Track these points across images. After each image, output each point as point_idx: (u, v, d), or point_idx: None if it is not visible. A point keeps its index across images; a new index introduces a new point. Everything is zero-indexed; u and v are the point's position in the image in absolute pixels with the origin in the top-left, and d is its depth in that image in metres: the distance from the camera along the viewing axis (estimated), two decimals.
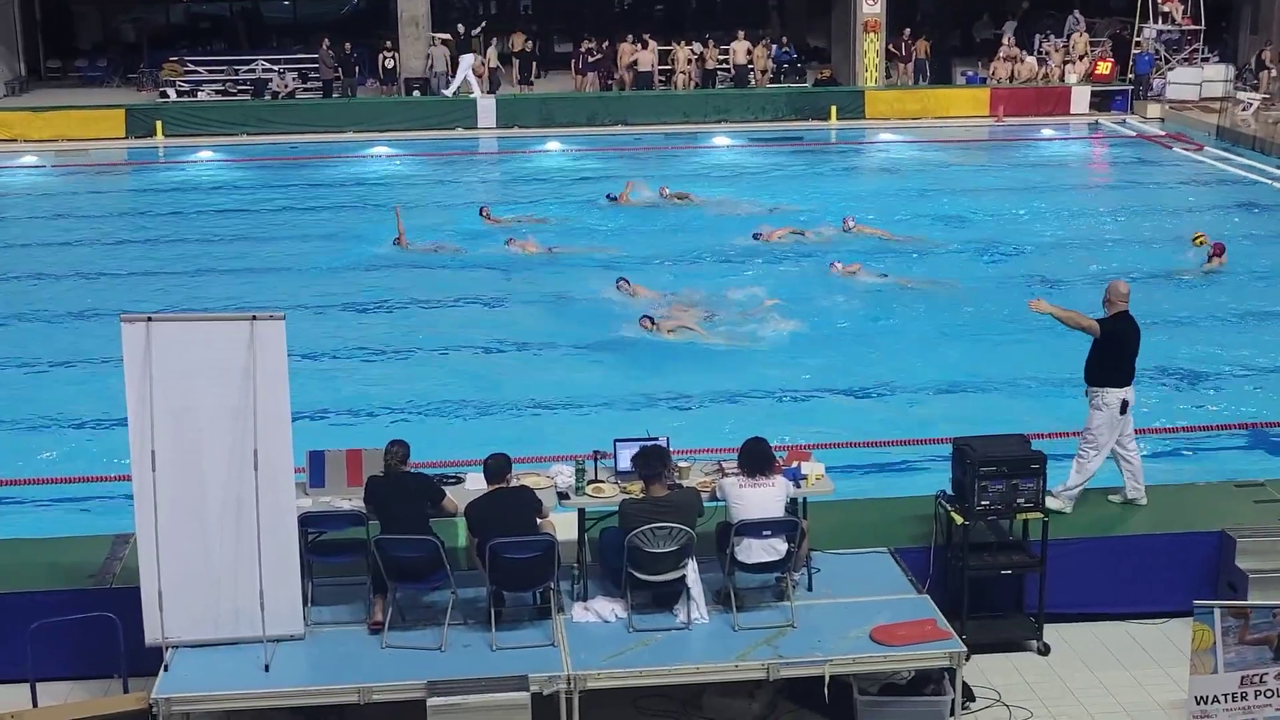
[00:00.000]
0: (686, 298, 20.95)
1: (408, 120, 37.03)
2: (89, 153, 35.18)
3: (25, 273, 23.85)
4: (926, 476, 13.42)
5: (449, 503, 10.76)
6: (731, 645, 10.24)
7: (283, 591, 10.25)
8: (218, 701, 9.87)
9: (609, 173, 31.80)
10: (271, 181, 31.77)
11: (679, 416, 16.64)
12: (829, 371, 18.38)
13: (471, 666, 9.95)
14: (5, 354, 19.49)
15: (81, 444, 16.16)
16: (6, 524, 14.09)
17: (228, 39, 46.90)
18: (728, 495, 10.72)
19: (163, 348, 9.96)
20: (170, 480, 10.04)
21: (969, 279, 22.60)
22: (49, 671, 10.47)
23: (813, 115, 37.90)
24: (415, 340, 19.79)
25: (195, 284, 22.58)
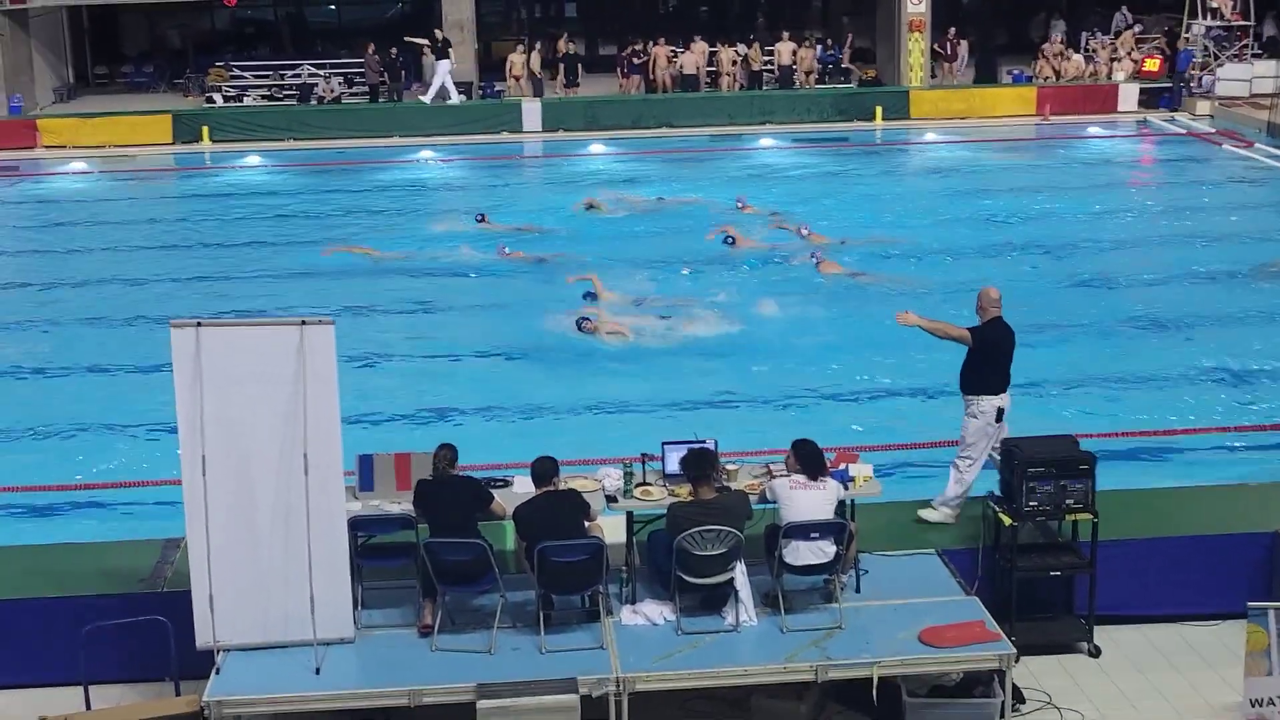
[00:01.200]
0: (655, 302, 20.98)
1: (453, 124, 37.11)
2: (136, 158, 35.42)
3: (74, 279, 24.05)
4: (977, 478, 13.34)
5: (497, 506, 10.78)
6: (780, 647, 10.23)
7: (333, 595, 10.29)
8: (268, 704, 9.92)
9: (653, 176, 31.82)
10: (317, 186, 31.92)
11: (727, 419, 16.62)
12: (875, 372, 18.32)
13: (521, 669, 9.97)
14: (57, 360, 19.65)
15: (133, 449, 16.28)
16: (59, 529, 14.24)
17: (273, 44, 47.16)
18: (778, 497, 10.71)
19: (212, 353, 10.03)
20: (221, 485, 10.10)
21: (1016, 279, 22.45)
22: (101, 675, 10.56)
23: (857, 116, 37.78)
24: (463, 343, 19.83)
25: (244, 289, 22.70)
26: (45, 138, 36.29)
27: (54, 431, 17.06)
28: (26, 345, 20.53)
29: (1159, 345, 19.43)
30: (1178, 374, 18.21)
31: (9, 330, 21.30)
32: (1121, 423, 16.25)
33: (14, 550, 12.61)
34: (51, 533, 14.06)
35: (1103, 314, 20.73)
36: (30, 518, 14.81)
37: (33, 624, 11.08)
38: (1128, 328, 20.09)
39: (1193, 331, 19.72)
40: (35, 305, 22.68)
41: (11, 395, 18.37)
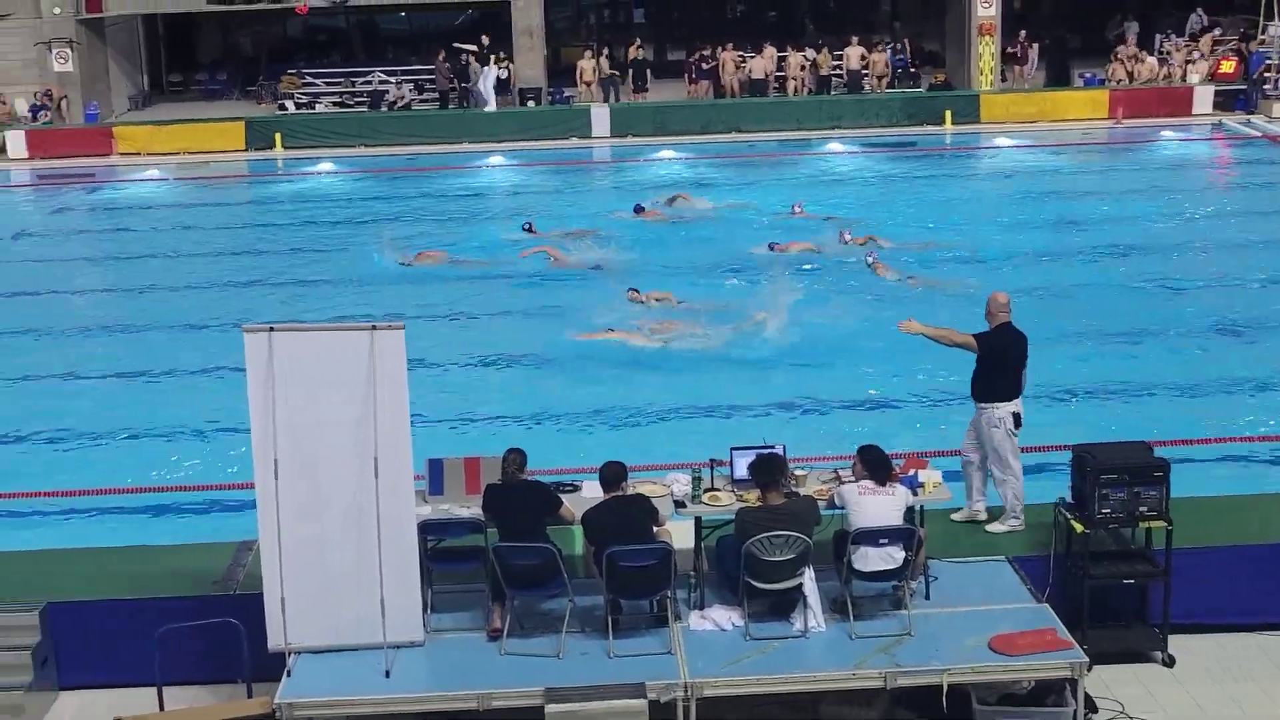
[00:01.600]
0: None
1: (522, 130, 37.27)
2: (210, 165, 35.81)
3: (149, 284, 24.34)
4: (1045, 484, 13.24)
5: (566, 511, 10.81)
6: (849, 653, 10.19)
7: (403, 598, 10.35)
8: (339, 707, 9.99)
9: (721, 180, 31.81)
10: (388, 192, 32.13)
11: (796, 424, 16.58)
12: (944, 377, 18.20)
13: (589, 674, 9.99)
14: (131, 364, 19.89)
15: (207, 452, 16.44)
16: (134, 531, 14.40)
17: (344, 51, 47.54)
18: (847, 502, 10.67)
19: (284, 357, 10.12)
20: (293, 488, 10.19)
21: (1087, 284, 22.30)
22: (175, 676, 10.69)
23: (927, 120, 37.59)
24: (531, 347, 19.89)
25: (315, 294, 22.88)
26: (121, 145, 36.78)
27: (129, 434, 17.27)
28: (103, 349, 20.79)
29: (1233, 350, 19.19)
30: (1251, 379, 17.97)
31: (87, 334, 21.59)
32: (1196, 429, 16.05)
33: (90, 552, 12.79)
34: (127, 535, 14.23)
35: (1176, 319, 20.51)
36: (106, 520, 14.99)
37: (108, 625, 11.22)
38: (1201, 333, 19.87)
39: (1267, 336, 19.43)
40: (111, 310, 22.99)
41: (88, 398, 18.60)
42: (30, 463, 16.50)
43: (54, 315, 22.68)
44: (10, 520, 15.02)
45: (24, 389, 19.14)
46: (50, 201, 33.27)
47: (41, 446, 17.02)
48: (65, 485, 15.55)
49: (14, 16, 38.91)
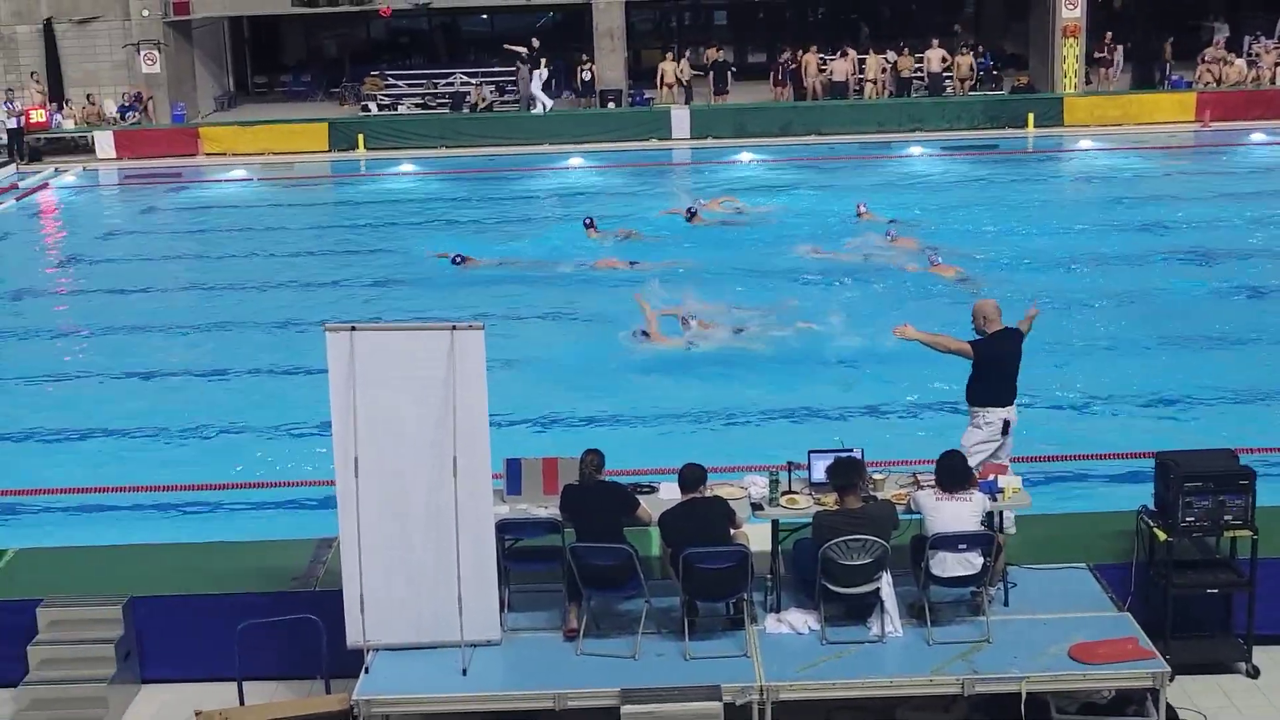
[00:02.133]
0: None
1: (603, 132, 37.34)
2: (294, 166, 36.17)
3: (233, 283, 24.63)
4: (1128, 491, 13.10)
5: (643, 512, 10.82)
6: (926, 659, 10.13)
7: (481, 597, 10.40)
8: (416, 704, 10.05)
9: (801, 183, 31.73)
10: (469, 194, 32.31)
11: (875, 427, 16.51)
12: (1024, 382, 18.02)
13: (665, 675, 10.00)
14: (215, 362, 20.13)
15: (287, 449, 16.60)
16: (216, 527, 14.58)
17: (427, 53, 47.86)
18: (923, 508, 10.61)
19: (365, 356, 10.19)
20: (372, 486, 10.26)
21: (1171, 289, 22.04)
22: (255, 670, 10.80)
23: (1009, 123, 37.27)
24: (608, 349, 19.91)
25: (397, 293, 23.04)
26: (206, 145, 37.24)
27: (213, 431, 17.48)
28: (187, 347, 21.06)
29: None
30: None
31: (171, 332, 21.87)
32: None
33: (173, 548, 12.96)
34: (209, 531, 14.40)
35: (1262, 325, 20.23)
36: (188, 516, 15.18)
37: (190, 620, 11.36)
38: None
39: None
40: (196, 308, 23.27)
41: (173, 395, 18.85)
42: (115, 458, 16.74)
43: (140, 313, 23.00)
44: (96, 515, 15.25)
45: (112, 386, 19.42)
46: (138, 201, 33.75)
47: (126, 442, 17.27)
48: (149, 481, 15.77)
49: (103, 19, 39.51)
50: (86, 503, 15.49)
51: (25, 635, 11.22)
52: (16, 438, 17.52)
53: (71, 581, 11.75)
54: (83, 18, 39.43)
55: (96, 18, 39.48)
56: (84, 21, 39.48)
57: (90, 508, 15.40)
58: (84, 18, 39.43)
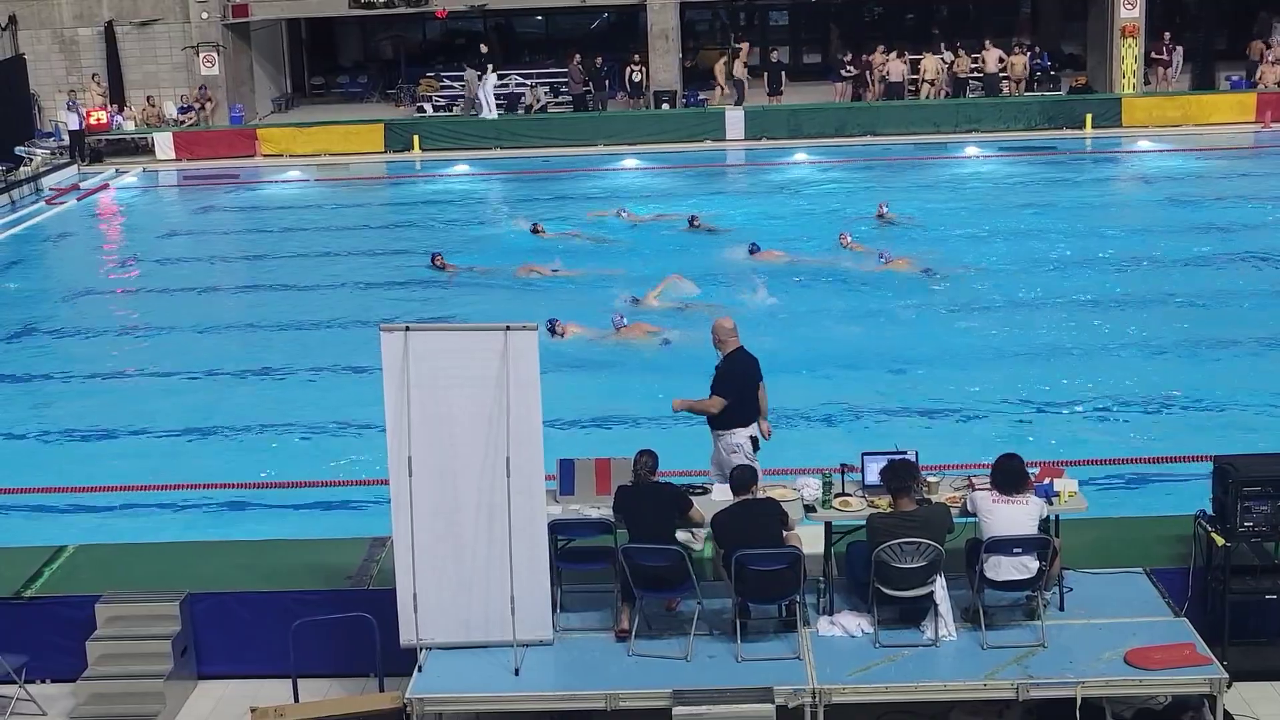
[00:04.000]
0: None
1: (657, 132, 37.33)
2: (349, 166, 36.36)
3: (289, 283, 24.80)
4: (1185, 495, 12.99)
5: (696, 513, 10.81)
6: (980, 663, 10.08)
7: (533, 597, 10.43)
8: (469, 703, 10.10)
9: (857, 184, 31.62)
10: (524, 194, 32.37)
11: (928, 430, 16.44)
12: (1081, 386, 17.95)
13: (716, 677, 9.99)
14: (270, 361, 20.28)
15: (342, 448, 16.69)
16: (272, 525, 14.68)
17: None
18: (979, 511, 10.56)
19: (420, 356, 10.24)
20: (426, 485, 10.31)
21: (1232, 291, 21.84)
22: (309, 668, 10.87)
23: (1066, 124, 36.99)
24: (660, 349, 19.90)
25: (451, 294, 23.11)
26: (264, 146, 37.50)
27: (269, 430, 17.61)
28: (244, 346, 21.24)
29: None
30: None
31: (229, 332, 22.07)
32: None
33: (229, 545, 13.07)
34: (265, 528, 14.51)
35: None
36: (245, 513, 15.30)
37: (246, 616, 11.45)
38: None
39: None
40: (252, 308, 23.45)
41: (230, 393, 19.02)
42: (173, 456, 16.90)
43: (198, 312, 23.20)
44: (154, 512, 15.40)
45: (168, 384, 19.61)
46: (196, 201, 34.03)
47: (183, 440, 17.43)
48: (206, 478, 15.91)
49: (163, 22, 39.87)
50: (145, 500, 15.64)
51: (84, 630, 11.34)
52: (77, 435, 17.72)
53: (130, 578, 11.88)
54: (143, 20, 39.81)
55: (157, 20, 39.84)
56: (144, 24, 39.85)
57: (148, 505, 15.56)
58: (144, 20, 39.81)
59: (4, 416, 18.41)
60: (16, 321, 23.00)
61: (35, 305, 24.14)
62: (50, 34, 39.82)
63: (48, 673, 11.37)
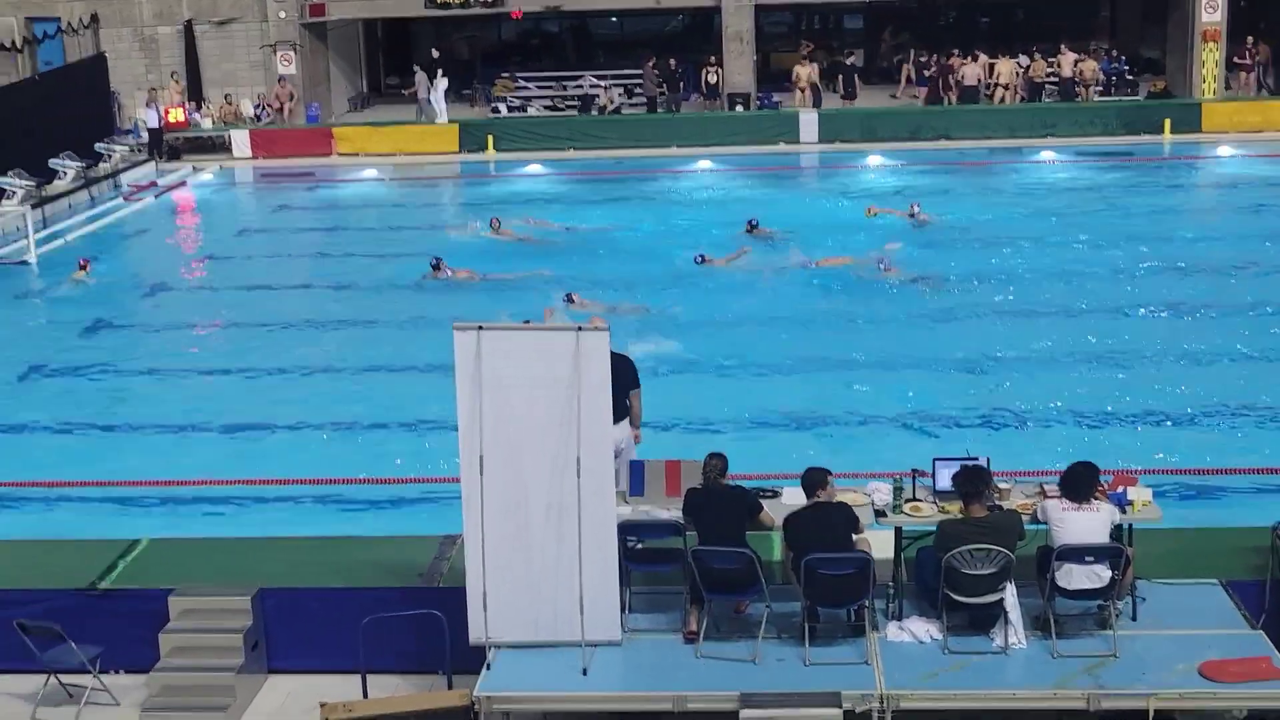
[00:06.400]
0: None
1: (730, 135, 37.26)
2: (424, 166, 36.55)
3: (362, 281, 24.95)
4: (1263, 506, 12.83)
5: (766, 516, 10.79)
6: (1050, 672, 10.00)
7: (602, 597, 10.45)
8: (537, 702, 10.14)
9: (932, 188, 31.44)
10: (598, 195, 32.41)
11: (1001, 436, 16.33)
12: (1159, 394, 17.76)
13: (784, 680, 9.97)
14: (346, 358, 20.43)
15: (414, 447, 16.78)
16: (344, 522, 14.79)
17: (556, 55, 48.11)
18: (1050, 518, 10.47)
19: (492, 356, 10.28)
20: (497, 484, 10.35)
21: None
22: (379, 664, 10.93)
23: (1145, 129, 36.57)
24: (731, 352, 19.89)
25: (523, 294, 23.14)
26: (340, 145, 37.77)
27: (341, 427, 17.73)
28: (318, 343, 21.41)
29: None
30: None
31: (302, 329, 22.26)
32: None
33: (301, 541, 13.18)
34: (337, 525, 14.62)
35: None
36: (317, 509, 15.41)
37: (317, 612, 11.54)
38: None
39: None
40: (326, 305, 23.64)
41: (303, 391, 19.16)
42: (246, 451, 17.06)
43: (272, 310, 23.44)
44: (227, 506, 15.55)
45: (242, 380, 19.80)
46: (272, 199, 34.36)
47: (256, 435, 17.58)
48: (279, 474, 16.05)
49: (241, 21, 40.26)
50: (218, 494, 15.79)
51: (157, 622, 11.48)
52: (151, 429, 17.91)
53: (202, 571, 12.01)
54: (222, 19, 40.22)
55: (235, 19, 40.24)
56: (223, 23, 40.27)
57: (221, 499, 15.71)
58: (223, 19, 40.22)
59: (80, 410, 18.64)
60: (93, 316, 23.29)
61: (112, 300, 24.43)
62: (131, 32, 40.31)
63: (121, 664, 11.50)
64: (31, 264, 27.17)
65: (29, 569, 12.37)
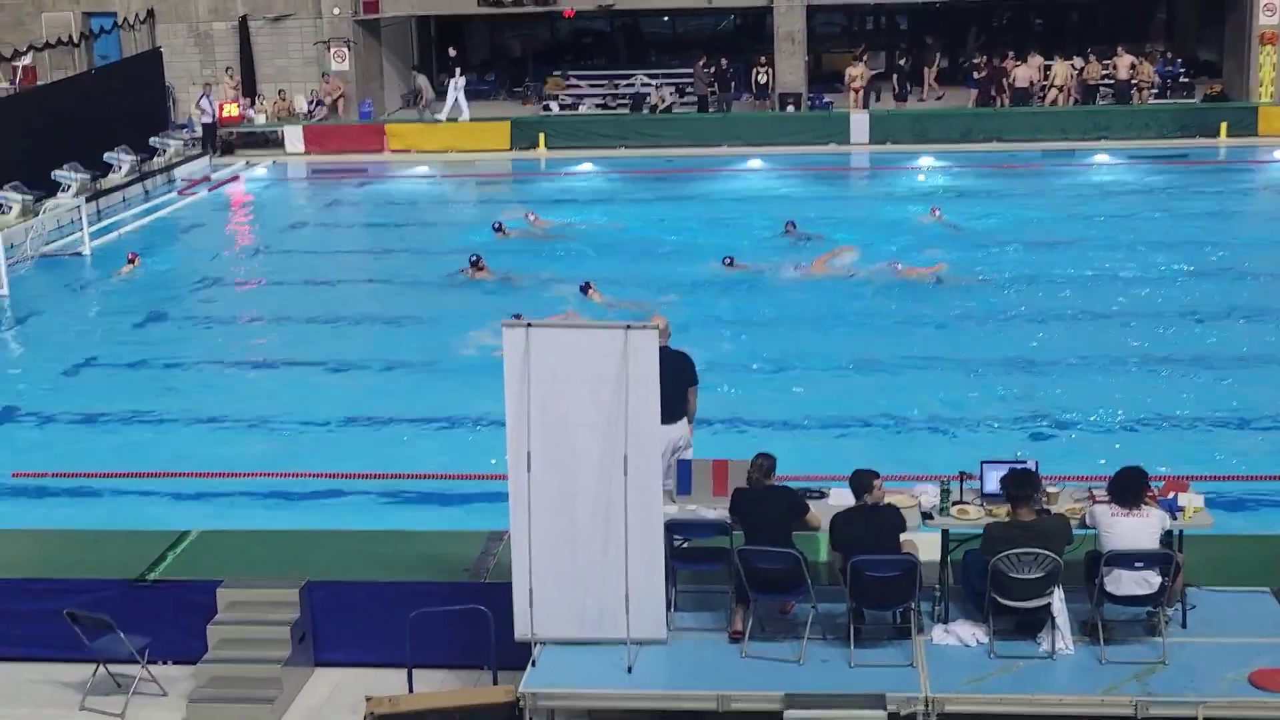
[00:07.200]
0: None
1: (781, 135, 37.18)
2: (475, 164, 36.64)
3: (413, 277, 25.05)
4: None
5: (812, 517, 10.78)
6: (1098, 678, 9.94)
7: (647, 595, 10.46)
8: (581, 699, 10.16)
9: (984, 190, 31.30)
10: (647, 194, 32.40)
11: (1050, 440, 16.23)
12: (1210, 399, 17.61)
13: (829, 681, 9.96)
14: (393, 353, 20.51)
15: (461, 442, 16.83)
16: (391, 516, 14.86)
17: (608, 54, 48.13)
18: (1099, 523, 10.40)
19: (541, 353, 10.30)
20: (544, 481, 10.37)
21: None
22: (425, 658, 10.96)
23: (1200, 132, 36.25)
24: (781, 353, 19.85)
25: (574, 292, 23.15)
26: (392, 142, 37.90)
27: (389, 421, 17.80)
28: (368, 338, 21.51)
29: None
30: None
31: (352, 323, 22.37)
32: None
33: (349, 534, 13.26)
34: (384, 519, 14.68)
35: None
36: (364, 503, 15.48)
37: (364, 606, 11.59)
38: None
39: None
40: (376, 300, 23.74)
41: (352, 387, 19.26)
42: (297, 445, 17.15)
43: (323, 304, 23.55)
44: (276, 500, 15.64)
45: (291, 374, 19.91)
46: (324, 195, 34.52)
47: (305, 429, 17.67)
48: (327, 468, 16.13)
49: (295, 17, 40.47)
50: (267, 487, 15.89)
51: (205, 614, 11.57)
52: (202, 422, 18.04)
53: (251, 564, 12.09)
54: (276, 15, 40.42)
55: (289, 15, 40.44)
56: (277, 19, 40.48)
57: (270, 492, 15.80)
58: (277, 15, 40.42)
59: (132, 402, 18.78)
60: (145, 309, 23.49)
61: (164, 293, 24.62)
62: (186, 28, 40.59)
63: (169, 654, 11.60)
64: (85, 256, 27.43)
65: (79, 559, 12.48)
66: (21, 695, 11.50)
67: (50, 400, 19.09)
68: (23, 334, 23.05)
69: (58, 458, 16.84)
